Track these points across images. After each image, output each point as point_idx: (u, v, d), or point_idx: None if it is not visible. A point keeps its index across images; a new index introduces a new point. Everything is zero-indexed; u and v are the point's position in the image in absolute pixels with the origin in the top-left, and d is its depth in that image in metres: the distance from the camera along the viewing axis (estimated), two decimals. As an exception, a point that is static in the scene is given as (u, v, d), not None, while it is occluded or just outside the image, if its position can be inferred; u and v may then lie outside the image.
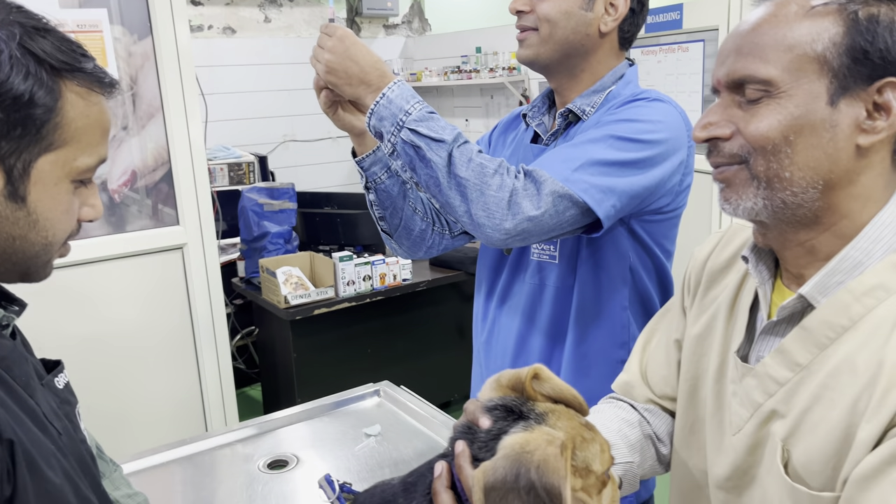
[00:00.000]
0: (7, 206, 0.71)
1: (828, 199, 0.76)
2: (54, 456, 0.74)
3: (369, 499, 0.81)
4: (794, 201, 0.76)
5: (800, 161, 0.74)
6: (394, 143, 1.20)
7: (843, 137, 0.73)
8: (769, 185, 0.76)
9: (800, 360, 0.78)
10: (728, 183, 0.79)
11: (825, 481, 0.74)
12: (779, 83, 0.74)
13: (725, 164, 0.79)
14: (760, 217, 0.79)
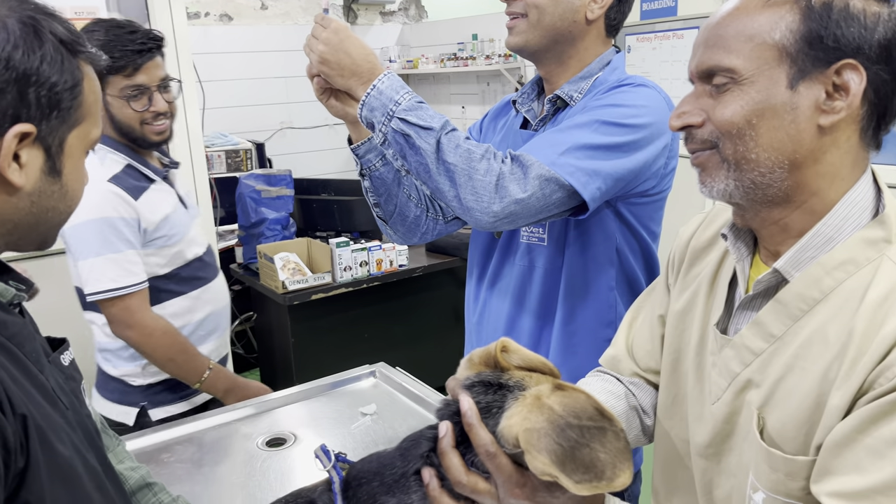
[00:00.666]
0: (46, 182, 0.75)
1: (795, 177, 0.80)
2: (63, 430, 0.77)
3: (366, 465, 0.84)
4: (762, 181, 0.80)
5: (764, 143, 0.79)
6: (385, 133, 1.23)
7: (804, 119, 0.77)
8: (738, 167, 0.80)
9: (774, 332, 0.82)
10: (703, 167, 0.84)
11: (799, 446, 0.78)
12: (741, 71, 0.78)
13: (699, 149, 0.84)
14: (734, 199, 0.83)
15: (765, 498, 0.82)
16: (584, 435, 0.71)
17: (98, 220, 1.65)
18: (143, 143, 1.74)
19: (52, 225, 0.79)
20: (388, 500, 0.78)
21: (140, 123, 1.70)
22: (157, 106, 1.71)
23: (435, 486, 0.76)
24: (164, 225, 1.75)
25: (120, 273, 1.67)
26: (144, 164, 1.77)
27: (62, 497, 0.72)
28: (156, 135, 1.73)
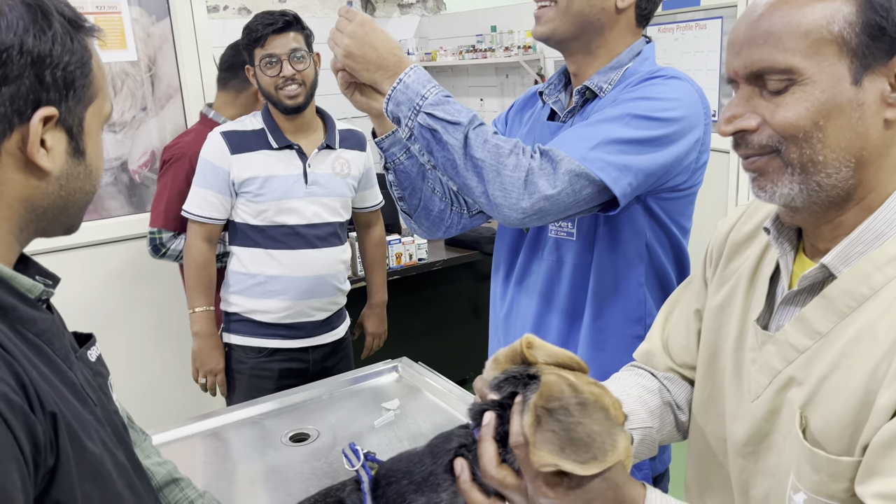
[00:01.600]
0: (72, 164, 0.75)
1: (860, 175, 0.77)
2: (93, 427, 0.76)
3: (395, 464, 0.82)
4: (828, 182, 0.77)
5: (832, 143, 0.75)
6: (411, 128, 1.21)
7: (870, 114, 0.74)
8: (804, 170, 0.77)
9: (819, 329, 0.79)
10: (761, 172, 0.80)
11: (843, 447, 0.75)
12: (801, 70, 0.74)
13: (756, 154, 0.80)
14: (796, 202, 0.79)
15: (806, 499, 0.79)
16: (573, 413, 0.69)
17: (203, 157, 2.08)
18: (280, 106, 2.03)
19: (80, 207, 0.79)
20: (417, 498, 0.77)
21: (275, 89, 2.01)
22: (285, 72, 2.00)
23: (466, 479, 0.75)
24: (253, 183, 2.04)
25: (197, 203, 2.08)
26: (275, 131, 2.06)
27: (93, 495, 0.72)
28: (288, 98, 2.01)
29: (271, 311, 2.11)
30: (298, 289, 2.11)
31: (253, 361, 2.15)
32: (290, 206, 2.07)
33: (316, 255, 2.12)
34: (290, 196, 2.07)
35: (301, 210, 2.08)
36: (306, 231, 2.10)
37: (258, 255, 2.09)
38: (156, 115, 2.73)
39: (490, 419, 0.75)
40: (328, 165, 2.13)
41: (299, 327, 2.15)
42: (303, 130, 2.11)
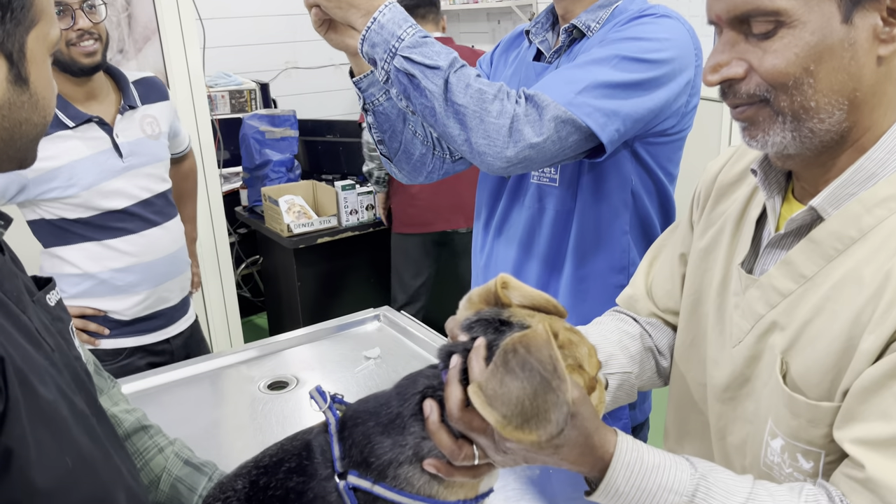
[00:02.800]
0: (14, 92, 0.70)
1: (854, 116, 0.73)
2: (47, 372, 0.73)
3: (362, 405, 0.80)
4: (821, 128, 0.73)
5: (824, 88, 0.71)
6: (387, 71, 1.16)
7: (863, 53, 0.70)
8: (795, 118, 0.73)
9: (805, 272, 0.76)
10: (751, 122, 0.76)
11: (823, 392, 0.74)
12: (789, 11, 0.69)
13: (744, 104, 0.75)
14: (789, 150, 0.76)
15: (783, 444, 0.78)
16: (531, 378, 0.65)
17: None
18: (74, 67, 1.68)
19: (29, 139, 0.74)
20: (383, 440, 0.75)
21: (66, 45, 1.65)
22: (80, 23, 1.65)
23: (435, 420, 0.72)
24: (56, 177, 1.69)
25: None
26: (65, 107, 1.70)
27: (46, 441, 0.69)
28: (84, 56, 1.68)
29: (125, 307, 1.84)
30: (152, 274, 1.86)
31: (113, 367, 1.84)
32: (112, 187, 1.75)
33: (159, 233, 1.87)
34: (108, 177, 1.75)
35: (125, 189, 1.78)
36: (140, 210, 1.82)
37: (93, 250, 1.78)
38: (134, 58, 2.64)
39: (457, 362, 0.72)
40: (137, 129, 1.82)
41: (158, 316, 1.91)
42: (96, 96, 1.77)
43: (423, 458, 0.74)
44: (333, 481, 0.76)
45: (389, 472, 0.74)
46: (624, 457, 0.72)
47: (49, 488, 0.69)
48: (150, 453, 0.99)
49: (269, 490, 0.78)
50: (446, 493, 0.75)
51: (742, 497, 0.71)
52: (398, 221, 3.05)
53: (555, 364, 0.65)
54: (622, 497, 0.72)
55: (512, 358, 0.66)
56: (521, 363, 0.65)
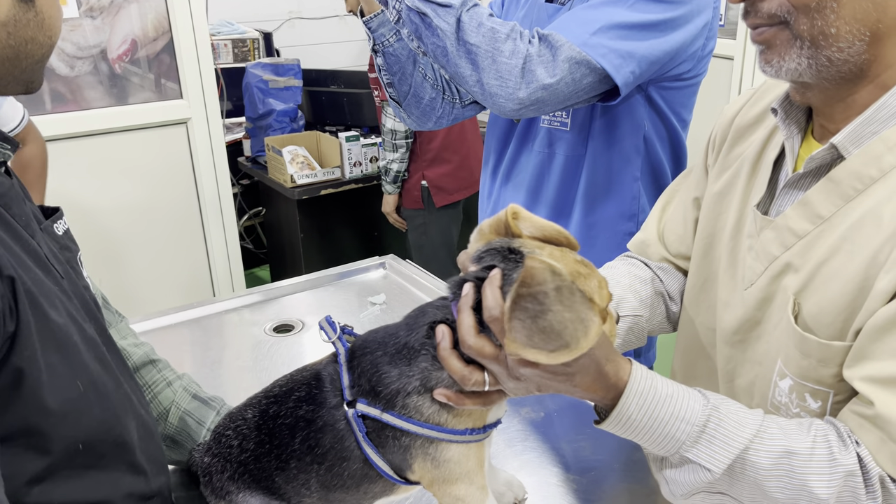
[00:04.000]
0: (20, 9, 0.69)
1: (875, 50, 0.71)
2: (57, 297, 0.73)
3: (371, 335, 0.80)
4: (839, 57, 0.71)
5: (846, 14, 0.69)
6: (398, 10, 1.14)
7: None
8: (814, 43, 0.71)
9: (822, 213, 0.75)
10: (768, 45, 0.74)
11: (835, 332, 0.73)
12: None
13: (764, 24, 0.73)
14: (804, 77, 0.74)
15: (791, 385, 0.78)
16: (544, 300, 0.65)
17: None
18: None
19: (35, 60, 0.73)
20: (390, 370, 0.75)
21: None
22: None
23: (446, 346, 0.72)
24: None
25: None
26: None
27: (57, 364, 0.69)
28: None
29: None
30: None
31: None
32: None
33: None
34: None
35: None
36: None
37: None
38: (136, 1, 2.59)
39: (469, 290, 0.72)
40: None
41: None
42: None
43: (430, 389, 0.74)
44: (342, 409, 0.76)
45: (398, 400, 0.75)
46: (638, 385, 0.72)
47: (61, 410, 0.69)
48: (159, 386, 0.99)
49: (279, 419, 0.79)
50: (455, 421, 0.75)
51: (752, 429, 0.72)
52: (442, 193, 2.89)
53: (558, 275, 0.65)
54: (634, 424, 0.73)
55: (523, 301, 0.65)
56: (532, 299, 0.65)
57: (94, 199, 2.62)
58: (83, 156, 2.58)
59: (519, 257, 0.70)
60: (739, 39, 3.14)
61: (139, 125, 2.65)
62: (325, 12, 4.60)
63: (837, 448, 0.70)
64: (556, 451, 1.10)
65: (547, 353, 0.64)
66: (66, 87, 2.52)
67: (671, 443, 0.72)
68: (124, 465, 0.78)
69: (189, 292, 2.87)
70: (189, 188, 2.80)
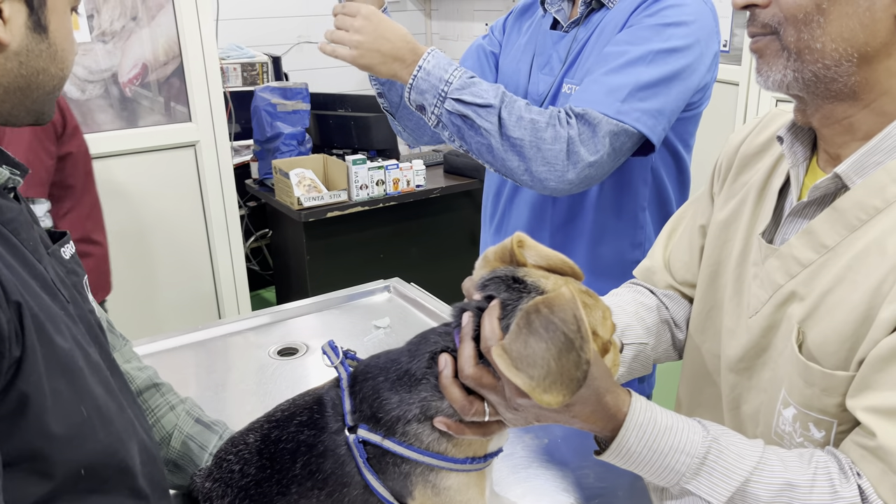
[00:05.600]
0: (32, 39, 0.69)
1: (864, 73, 0.71)
2: (63, 322, 0.73)
3: (373, 360, 0.80)
4: (826, 74, 0.72)
5: (832, 31, 0.70)
6: (438, 115, 1.17)
7: (881, 7, 0.69)
8: (799, 56, 0.72)
9: (827, 242, 0.75)
10: (761, 54, 0.76)
11: (839, 362, 0.73)
12: None
13: (760, 33, 0.75)
14: (792, 90, 0.75)
15: (795, 413, 0.78)
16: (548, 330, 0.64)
17: None
18: None
19: (46, 91, 0.74)
20: (391, 396, 0.75)
21: None
22: None
23: (448, 375, 0.72)
24: None
25: None
26: None
27: (62, 389, 0.69)
28: None
29: None
30: None
31: None
32: None
33: None
34: None
35: None
36: None
37: None
38: (147, 26, 2.63)
39: (469, 319, 0.72)
40: None
41: None
42: None
43: (430, 417, 0.74)
44: (344, 434, 0.76)
45: (398, 427, 0.75)
46: (637, 416, 0.72)
47: (65, 435, 0.69)
48: (162, 410, 0.99)
49: (281, 443, 0.79)
50: (455, 450, 0.75)
51: (753, 461, 0.71)
52: None
53: (579, 324, 0.64)
54: (633, 456, 0.72)
55: (535, 318, 0.65)
56: (545, 324, 0.65)
57: (102, 220, 2.63)
58: (93, 178, 2.60)
59: (523, 287, 0.71)
60: (745, 65, 3.16)
61: (148, 148, 2.68)
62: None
63: (839, 480, 0.69)
64: (561, 478, 1.09)
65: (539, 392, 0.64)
66: (77, 111, 2.55)
67: (671, 475, 0.72)
68: (126, 489, 0.78)
69: (195, 314, 2.87)
70: (197, 210, 2.81)
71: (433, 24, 5.14)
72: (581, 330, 0.64)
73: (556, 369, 0.64)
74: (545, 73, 1.36)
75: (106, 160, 2.61)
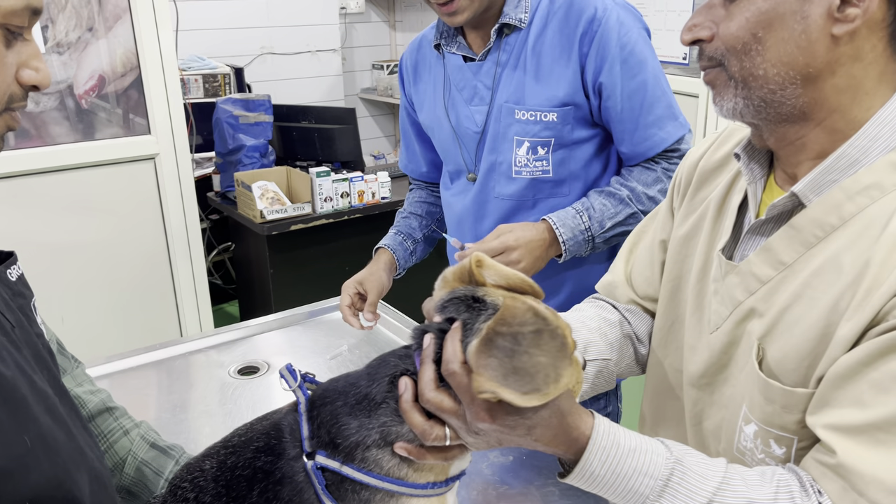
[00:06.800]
0: None
1: (811, 93, 0.73)
2: (5, 348, 0.71)
3: (332, 384, 0.79)
4: (773, 98, 0.73)
5: (772, 57, 0.72)
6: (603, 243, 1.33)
7: (815, 29, 0.70)
8: (745, 84, 0.74)
9: (784, 259, 0.76)
10: (713, 85, 0.78)
11: (798, 378, 0.74)
12: None
13: (708, 66, 0.77)
14: (746, 117, 0.77)
15: (756, 430, 0.78)
16: (519, 341, 0.65)
17: None
18: None
19: None
20: (350, 421, 0.73)
21: None
22: None
23: (408, 399, 0.71)
24: None
25: None
26: None
27: (3, 419, 0.66)
28: None
29: None
30: None
31: None
32: None
33: None
34: None
35: None
36: None
37: None
38: (104, 37, 2.58)
39: (430, 342, 0.71)
40: None
41: None
42: None
43: (390, 442, 0.73)
44: (301, 461, 0.74)
45: (357, 453, 0.73)
46: (601, 440, 0.71)
47: (6, 468, 0.66)
48: (115, 435, 0.96)
49: (238, 470, 0.76)
50: (416, 475, 0.74)
51: (716, 481, 0.71)
52: None
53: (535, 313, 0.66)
54: (597, 479, 0.72)
55: (499, 339, 0.65)
56: (512, 336, 0.65)
57: (58, 236, 2.56)
58: (48, 192, 2.53)
59: (483, 306, 0.70)
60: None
61: (106, 161, 2.62)
62: (297, 48, 4.63)
63: (800, 498, 0.70)
64: (525, 496, 1.08)
65: (518, 395, 0.64)
66: (31, 123, 2.49)
67: (635, 497, 0.72)
68: (75, 522, 0.75)
69: (155, 330, 2.81)
70: (157, 224, 2.76)
71: (397, 35, 5.15)
72: (539, 314, 0.65)
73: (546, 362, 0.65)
74: (476, 104, 1.39)
75: (62, 174, 2.55)
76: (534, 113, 1.32)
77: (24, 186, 2.46)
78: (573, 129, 1.33)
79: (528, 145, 1.35)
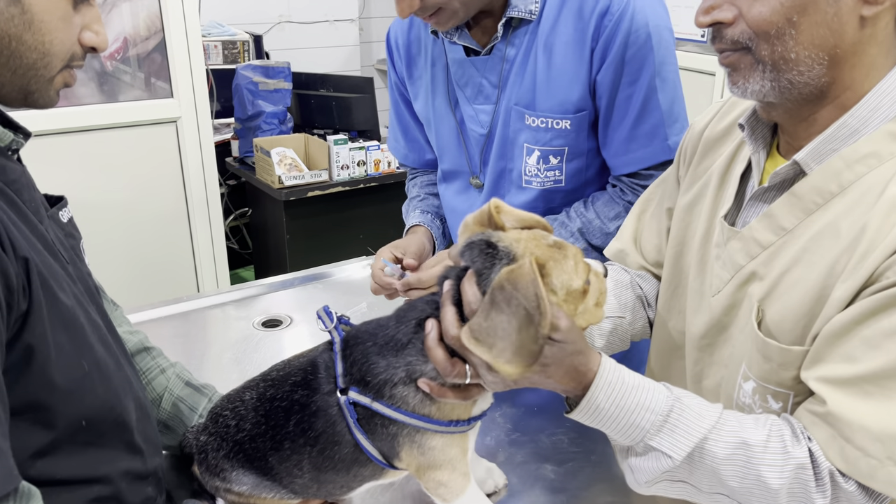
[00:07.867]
0: (3, 2, 0.67)
1: (833, 73, 0.76)
2: (65, 280, 0.76)
3: (364, 326, 0.85)
4: (800, 80, 0.76)
5: (804, 40, 0.74)
6: None
7: (846, 10, 0.72)
8: (775, 67, 0.75)
9: (785, 225, 0.80)
10: (734, 67, 0.79)
11: (795, 338, 0.78)
12: None
13: (729, 49, 0.78)
14: (768, 98, 0.79)
15: (755, 387, 0.83)
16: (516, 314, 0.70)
17: None
18: None
19: (26, 64, 0.71)
20: (379, 361, 0.79)
21: None
22: None
23: (434, 337, 0.77)
24: None
25: None
26: None
27: (65, 343, 0.73)
28: None
29: None
30: None
31: None
32: None
33: None
34: None
35: None
36: None
37: None
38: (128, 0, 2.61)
39: (449, 286, 0.77)
40: None
41: None
42: None
43: (415, 379, 0.78)
44: (335, 396, 0.80)
45: (386, 390, 0.79)
46: (607, 375, 0.77)
47: (67, 387, 0.72)
48: (153, 373, 1.03)
49: (276, 401, 0.83)
50: (440, 413, 0.80)
51: (712, 420, 0.77)
52: None
53: (539, 301, 0.69)
54: (601, 413, 0.77)
55: (499, 295, 0.70)
56: (508, 299, 0.70)
57: (82, 194, 2.63)
58: (72, 151, 2.59)
59: (495, 251, 0.75)
60: (721, 58, 3.22)
61: (129, 123, 2.67)
62: (315, 17, 4.64)
63: (791, 442, 0.75)
64: (535, 444, 1.15)
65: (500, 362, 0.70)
66: (58, 83, 2.54)
67: (636, 431, 0.77)
68: (123, 444, 0.81)
69: (173, 290, 2.88)
70: (177, 187, 2.81)
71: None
72: (540, 307, 0.69)
73: (517, 342, 0.70)
74: (480, 102, 1.27)
75: (86, 134, 2.60)
76: (545, 119, 1.21)
77: (49, 145, 2.52)
78: (588, 136, 1.22)
79: (539, 154, 1.23)
